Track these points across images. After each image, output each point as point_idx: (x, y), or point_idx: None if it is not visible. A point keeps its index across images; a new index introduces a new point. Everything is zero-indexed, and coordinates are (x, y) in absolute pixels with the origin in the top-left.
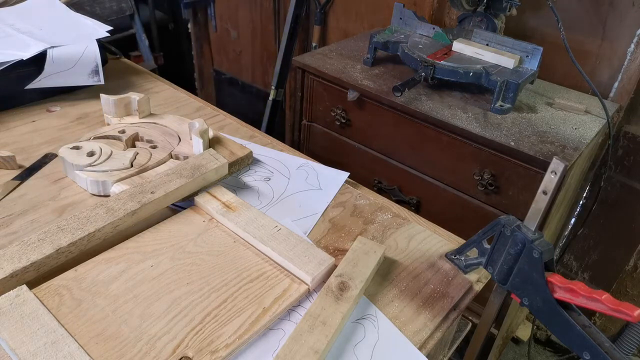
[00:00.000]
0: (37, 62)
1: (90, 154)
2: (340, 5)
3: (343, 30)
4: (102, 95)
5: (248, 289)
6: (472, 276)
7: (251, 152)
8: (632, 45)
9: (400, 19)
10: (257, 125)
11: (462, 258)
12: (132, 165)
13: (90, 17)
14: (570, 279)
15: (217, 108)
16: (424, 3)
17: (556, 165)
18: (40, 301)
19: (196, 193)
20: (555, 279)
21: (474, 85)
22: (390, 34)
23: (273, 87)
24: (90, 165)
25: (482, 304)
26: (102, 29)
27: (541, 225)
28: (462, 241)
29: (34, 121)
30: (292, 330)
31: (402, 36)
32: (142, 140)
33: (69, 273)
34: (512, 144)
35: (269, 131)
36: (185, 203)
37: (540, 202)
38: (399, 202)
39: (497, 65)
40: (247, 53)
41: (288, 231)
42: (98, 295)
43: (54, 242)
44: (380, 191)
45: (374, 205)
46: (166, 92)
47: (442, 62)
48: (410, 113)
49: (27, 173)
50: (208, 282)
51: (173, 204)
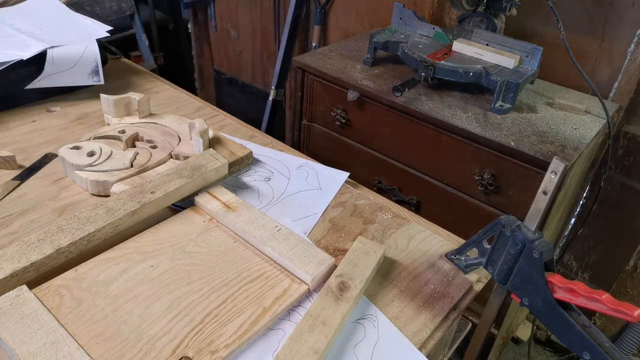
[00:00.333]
0: (37, 62)
1: (90, 154)
2: (340, 5)
3: (343, 30)
4: (102, 95)
5: (248, 289)
6: (472, 276)
7: (251, 152)
8: (632, 45)
9: (400, 19)
10: (257, 125)
11: (462, 258)
12: (132, 165)
13: (90, 17)
14: (570, 279)
15: (217, 108)
16: (424, 3)
17: (556, 165)
18: (40, 301)
19: (196, 193)
20: (555, 279)
21: (474, 85)
22: (390, 34)
23: (273, 87)
24: (90, 165)
25: (482, 304)
26: (102, 29)
27: (541, 225)
28: (462, 241)
29: (34, 121)
30: (292, 330)
31: (402, 36)
32: (142, 140)
33: (69, 273)
34: (512, 144)
35: (269, 131)
36: (185, 203)
37: (540, 202)
38: (399, 202)
39: (497, 65)
40: (247, 53)
41: (288, 231)
42: (98, 295)
43: (54, 242)
44: (380, 191)
45: (374, 205)
46: (166, 92)
47: (442, 62)
48: (410, 113)
49: (27, 173)
50: (208, 282)
51: (173, 204)
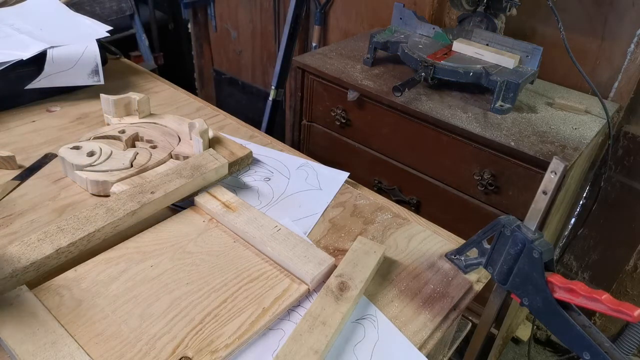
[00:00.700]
0: (37, 62)
1: (90, 154)
2: (340, 5)
3: (343, 30)
4: (102, 95)
5: (248, 289)
6: (472, 276)
7: (251, 152)
8: (632, 45)
9: (400, 19)
10: (257, 125)
11: (462, 258)
12: (132, 165)
13: (90, 17)
14: (570, 279)
15: (217, 108)
16: (424, 3)
17: (556, 165)
18: (40, 301)
19: (196, 193)
20: (555, 279)
21: (474, 85)
22: (390, 34)
23: (273, 87)
24: (90, 165)
25: (482, 304)
26: (102, 29)
27: (541, 225)
28: (462, 241)
29: (34, 121)
30: (292, 330)
31: (402, 36)
32: (142, 140)
33: (69, 273)
34: (512, 144)
35: (269, 131)
36: (185, 203)
37: (540, 202)
38: (399, 202)
39: (497, 65)
40: (247, 53)
41: (288, 231)
42: (98, 295)
43: (54, 242)
44: (380, 191)
45: (374, 205)
46: (166, 92)
47: (442, 62)
48: (410, 113)
49: (27, 173)
50: (208, 282)
51: (173, 204)
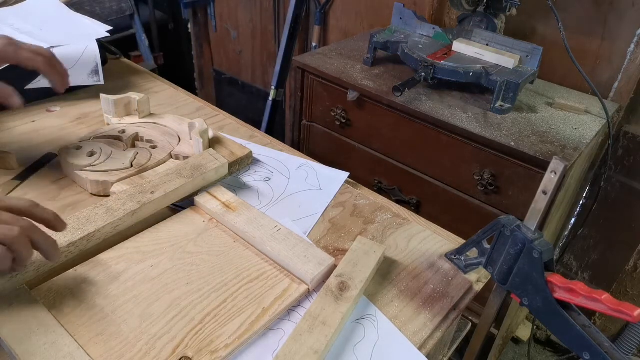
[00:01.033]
0: None
1: (90, 154)
2: (340, 5)
3: (343, 30)
4: (102, 95)
5: (248, 289)
6: (472, 276)
7: (251, 152)
8: (632, 45)
9: (400, 19)
10: (257, 125)
11: (462, 258)
12: (132, 165)
13: (90, 17)
14: (570, 279)
15: (217, 108)
16: (424, 3)
17: (556, 165)
18: (40, 301)
19: (196, 193)
20: (555, 279)
21: (474, 85)
22: (390, 34)
23: (273, 87)
24: (90, 165)
25: (482, 304)
26: (102, 29)
27: (541, 225)
28: (462, 241)
29: (33, 121)
30: (292, 331)
31: (402, 36)
32: (142, 140)
33: (69, 273)
34: (512, 144)
35: (269, 131)
36: (185, 203)
37: (540, 202)
38: (399, 202)
39: (497, 65)
40: (247, 53)
41: (288, 231)
42: (98, 295)
43: None
44: (380, 191)
45: (374, 205)
46: (166, 92)
47: (442, 62)
48: (410, 113)
49: (27, 173)
50: (208, 282)
51: (173, 204)
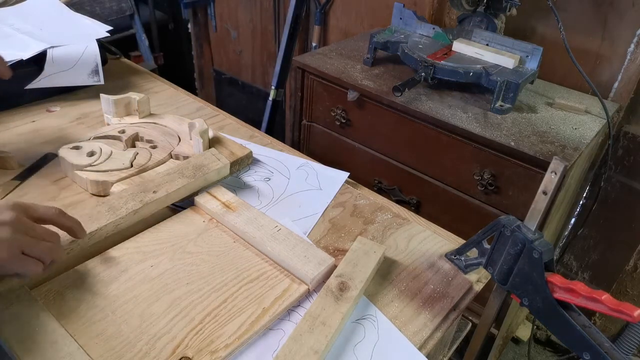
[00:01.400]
0: (37, 62)
1: (90, 154)
2: (340, 5)
3: (343, 30)
4: (102, 95)
5: (248, 289)
6: (472, 276)
7: (251, 152)
8: (632, 45)
9: (400, 19)
10: (257, 125)
11: (462, 258)
12: (132, 165)
13: (90, 17)
14: (570, 279)
15: (217, 108)
16: (424, 3)
17: (556, 165)
18: (40, 301)
19: (196, 193)
20: (555, 279)
21: (474, 85)
22: (390, 34)
23: (273, 87)
24: (90, 165)
25: (482, 304)
26: (102, 29)
27: (541, 225)
28: (462, 241)
29: (34, 121)
30: (292, 331)
31: (402, 36)
32: (142, 140)
33: (69, 273)
34: (512, 144)
35: (269, 131)
36: (185, 203)
37: (540, 202)
38: (399, 202)
39: (497, 65)
40: (247, 53)
41: (288, 231)
42: (98, 295)
43: None
44: (380, 191)
45: (374, 205)
46: (166, 92)
47: (442, 62)
48: (410, 113)
49: (27, 173)
50: (208, 282)
51: (173, 204)
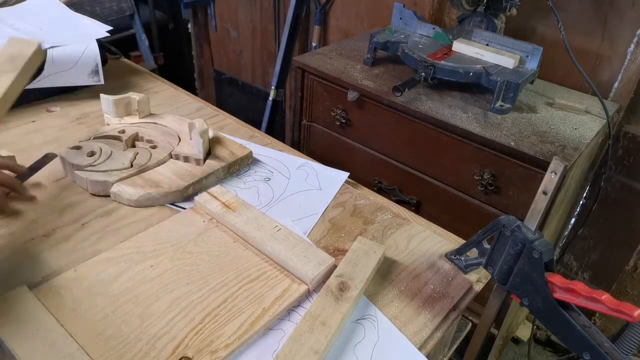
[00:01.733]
0: None
1: (90, 154)
2: (340, 5)
3: (343, 30)
4: (102, 95)
5: (248, 289)
6: (472, 276)
7: (251, 152)
8: (632, 45)
9: (400, 19)
10: (257, 125)
11: (462, 258)
12: (132, 165)
13: (90, 17)
14: (570, 279)
15: (217, 108)
16: (424, 3)
17: (556, 165)
18: (40, 301)
19: (196, 193)
20: (555, 279)
21: (474, 85)
22: (390, 34)
23: (273, 87)
24: (90, 165)
25: (482, 304)
26: (102, 29)
27: (541, 225)
28: (462, 241)
29: (34, 121)
30: (292, 331)
31: (402, 36)
32: (142, 140)
33: (69, 273)
34: (512, 144)
35: (269, 131)
36: (185, 203)
37: (540, 202)
38: (399, 202)
39: (497, 65)
40: (247, 53)
41: (288, 231)
42: (98, 295)
43: None
44: (380, 191)
45: (374, 205)
46: (166, 92)
47: (442, 62)
48: (410, 113)
49: (27, 173)
50: (208, 282)
51: (173, 204)
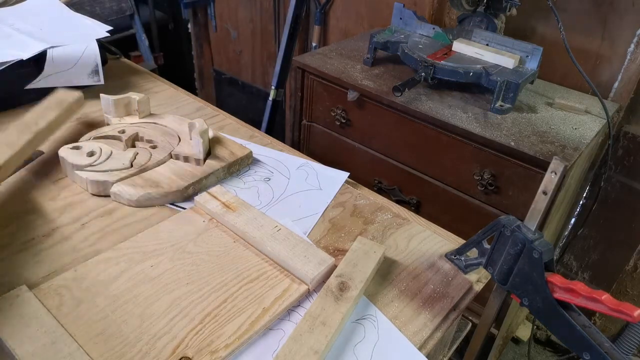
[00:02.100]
0: (37, 62)
1: (90, 154)
2: (340, 5)
3: (343, 30)
4: (102, 95)
5: (248, 289)
6: (472, 276)
7: (251, 152)
8: (632, 45)
9: (400, 19)
10: (257, 125)
11: (462, 258)
12: (132, 165)
13: (90, 17)
14: (570, 279)
15: (217, 108)
16: (424, 3)
17: (556, 165)
18: (40, 301)
19: (196, 193)
20: (555, 279)
21: (474, 85)
22: (390, 34)
23: (273, 87)
24: (90, 165)
25: (482, 304)
26: (102, 29)
27: (541, 225)
28: (462, 241)
29: None
30: (292, 331)
31: (402, 36)
32: (142, 140)
33: (69, 273)
34: (512, 144)
35: (269, 131)
36: (185, 203)
37: (540, 202)
38: (399, 202)
39: (497, 65)
40: (247, 53)
41: (288, 231)
42: (98, 295)
43: None
44: (380, 191)
45: (374, 205)
46: (166, 92)
47: (442, 62)
48: (410, 113)
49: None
50: (208, 282)
51: (173, 204)
